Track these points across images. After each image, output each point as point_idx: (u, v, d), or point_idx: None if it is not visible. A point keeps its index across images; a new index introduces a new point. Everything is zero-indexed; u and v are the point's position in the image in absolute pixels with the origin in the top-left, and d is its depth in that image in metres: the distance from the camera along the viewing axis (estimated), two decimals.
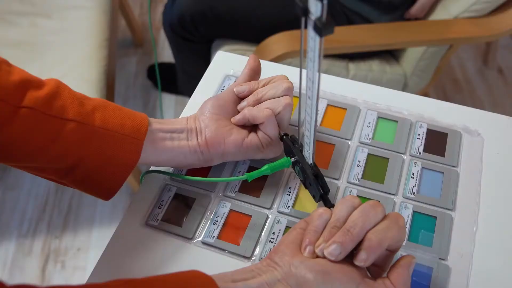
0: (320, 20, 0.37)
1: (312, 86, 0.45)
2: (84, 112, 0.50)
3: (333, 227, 0.44)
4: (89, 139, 0.49)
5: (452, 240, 0.54)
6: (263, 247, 0.54)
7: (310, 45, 0.41)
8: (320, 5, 0.36)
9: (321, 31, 0.38)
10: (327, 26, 0.37)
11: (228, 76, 0.71)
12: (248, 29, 1.26)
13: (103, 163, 0.50)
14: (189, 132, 0.55)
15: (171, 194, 0.59)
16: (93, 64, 1.26)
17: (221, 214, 0.57)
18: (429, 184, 0.58)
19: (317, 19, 0.37)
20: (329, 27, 0.38)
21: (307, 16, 0.38)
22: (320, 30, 0.38)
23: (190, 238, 0.55)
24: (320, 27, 0.37)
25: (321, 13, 0.37)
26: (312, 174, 0.53)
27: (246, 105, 0.57)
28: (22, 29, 1.35)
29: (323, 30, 0.38)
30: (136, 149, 0.51)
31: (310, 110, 0.48)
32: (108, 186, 0.52)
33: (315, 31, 0.38)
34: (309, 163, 0.53)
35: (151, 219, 0.57)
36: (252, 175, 0.54)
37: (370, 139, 0.63)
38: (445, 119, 0.65)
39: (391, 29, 1.18)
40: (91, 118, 0.50)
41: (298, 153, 0.54)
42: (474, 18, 1.19)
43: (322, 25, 0.37)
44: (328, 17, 0.37)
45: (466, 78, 1.88)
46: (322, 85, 0.68)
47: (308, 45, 0.42)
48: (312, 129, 0.49)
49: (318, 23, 0.38)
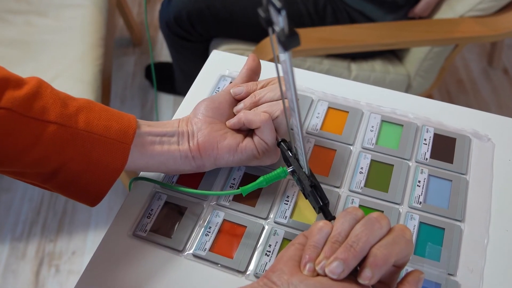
0: (283, 33, 0.35)
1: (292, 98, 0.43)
2: (66, 113, 0.47)
3: (335, 242, 0.41)
4: (72, 142, 0.47)
5: (461, 254, 0.51)
6: (258, 261, 0.51)
7: (281, 57, 0.39)
8: (281, 16, 0.34)
9: (285, 45, 0.35)
10: (291, 38, 0.35)
11: (224, 77, 0.68)
12: (247, 27, 1.24)
13: (87, 168, 0.48)
14: (180, 135, 0.53)
15: (161, 203, 0.56)
16: (88, 64, 1.24)
17: (214, 225, 0.54)
18: (437, 193, 0.56)
19: (280, 31, 0.35)
20: (293, 40, 0.35)
21: (271, 27, 0.36)
22: (284, 44, 0.35)
23: (180, 250, 0.52)
24: (283, 41, 0.35)
25: (283, 25, 0.34)
26: (308, 185, 0.49)
27: (242, 108, 0.55)
28: (16, 28, 1.34)
29: (287, 44, 0.35)
30: (122, 154, 0.49)
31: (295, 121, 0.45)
32: (94, 192, 0.50)
33: (279, 44, 0.36)
34: (305, 172, 0.50)
35: (139, 230, 0.54)
36: (247, 189, 0.51)
37: (374, 144, 0.60)
38: (453, 123, 0.62)
39: (394, 28, 1.17)
40: (74, 120, 0.48)
41: (294, 161, 0.51)
42: (480, 17, 1.17)
43: (284, 38, 0.35)
44: (291, 29, 0.34)
45: (471, 79, 1.87)
46: (323, 86, 0.67)
47: (279, 57, 0.40)
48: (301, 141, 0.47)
49: (281, 36, 0.35)
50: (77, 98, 0.50)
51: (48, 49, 1.27)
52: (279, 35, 0.35)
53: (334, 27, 1.17)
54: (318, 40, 1.12)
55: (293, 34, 0.34)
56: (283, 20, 0.34)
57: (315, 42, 1.12)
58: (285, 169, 0.51)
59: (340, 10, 1.22)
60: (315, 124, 0.62)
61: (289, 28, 0.34)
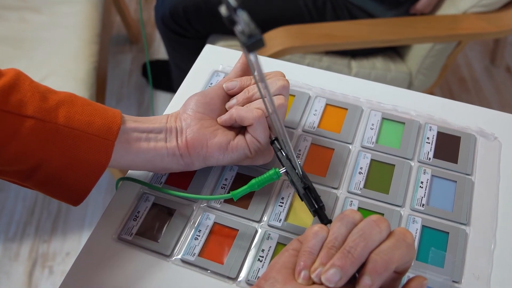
0: (243, 33, 0.32)
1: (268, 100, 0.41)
2: (46, 108, 0.45)
3: (331, 248, 0.39)
4: (51, 138, 0.45)
5: (467, 260, 0.49)
6: (250, 267, 0.49)
7: (249, 59, 0.37)
8: (241, 16, 0.32)
9: (246, 46, 0.33)
10: (252, 39, 0.32)
11: (217, 72, 0.66)
12: None
13: (68, 166, 0.46)
14: (168, 132, 0.50)
15: (148, 204, 0.53)
16: (83, 61, 1.23)
17: (204, 228, 0.51)
18: (440, 194, 0.54)
19: (241, 32, 0.33)
20: (255, 42, 0.33)
21: (233, 27, 0.33)
22: (244, 46, 0.33)
23: (167, 255, 0.50)
24: (243, 42, 0.33)
25: (242, 26, 0.32)
26: (302, 187, 0.47)
27: (235, 104, 0.52)
28: (10, 24, 1.32)
29: (248, 46, 0.33)
30: (105, 151, 0.47)
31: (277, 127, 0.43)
32: (76, 190, 0.48)
33: (242, 44, 0.33)
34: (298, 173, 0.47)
35: (124, 233, 0.51)
36: (238, 194, 0.49)
37: (374, 143, 0.58)
38: (457, 121, 0.60)
39: (396, 24, 1.15)
40: (53, 115, 0.46)
41: (286, 162, 0.49)
42: (484, 13, 1.15)
43: (245, 39, 0.32)
44: (253, 29, 0.32)
45: (473, 77, 1.85)
46: (321, 82, 0.64)
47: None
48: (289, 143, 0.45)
49: (241, 37, 0.33)
50: (58, 92, 0.48)
51: (42, 46, 1.26)
52: (240, 36, 0.33)
53: (334, 23, 1.15)
54: (318, 36, 1.10)
55: (254, 35, 0.32)
56: (242, 20, 0.32)
57: (314, 38, 1.10)
58: (278, 170, 0.49)
59: (340, 6, 1.20)
60: (312, 121, 0.60)
61: (250, 29, 0.32)
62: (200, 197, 0.51)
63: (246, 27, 0.32)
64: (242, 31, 0.32)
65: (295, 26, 1.10)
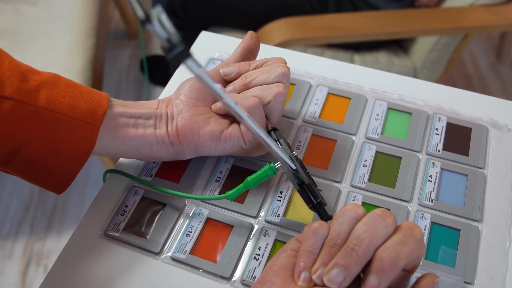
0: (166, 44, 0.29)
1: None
2: (25, 89, 0.43)
3: (333, 246, 0.36)
4: (31, 121, 0.43)
5: (479, 259, 0.46)
6: (246, 266, 0.46)
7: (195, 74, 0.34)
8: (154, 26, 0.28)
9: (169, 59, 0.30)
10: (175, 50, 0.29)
11: (213, 60, 0.63)
12: (244, 15, 1.21)
13: (49, 151, 0.44)
14: (158, 118, 0.48)
15: (137, 198, 0.50)
16: (78, 54, 1.22)
17: (196, 223, 0.48)
18: (451, 189, 0.51)
19: (164, 42, 0.29)
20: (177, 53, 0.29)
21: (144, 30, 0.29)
22: (167, 58, 0.30)
23: (157, 252, 0.47)
24: (165, 55, 0.29)
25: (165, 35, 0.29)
26: (296, 183, 0.44)
27: (231, 91, 0.50)
28: (4, 17, 1.31)
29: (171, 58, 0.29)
30: (89, 137, 0.45)
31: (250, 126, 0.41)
32: (58, 178, 0.46)
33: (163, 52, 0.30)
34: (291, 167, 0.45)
35: (111, 228, 0.48)
36: (233, 194, 0.46)
37: (379, 134, 0.55)
38: (468, 111, 0.57)
39: (400, 16, 1.13)
40: (34, 97, 0.43)
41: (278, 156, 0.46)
42: (490, 5, 1.14)
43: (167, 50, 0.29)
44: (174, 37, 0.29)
45: (478, 74, 1.84)
46: (323, 70, 0.61)
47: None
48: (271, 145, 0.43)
49: (164, 48, 0.29)
50: (41, 72, 0.46)
51: (37, 39, 1.25)
52: (162, 47, 0.29)
53: (337, 15, 1.14)
54: (320, 28, 1.09)
55: (176, 45, 0.29)
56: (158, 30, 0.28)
57: (315, 30, 1.08)
58: (273, 165, 0.46)
59: None
60: (313, 111, 0.57)
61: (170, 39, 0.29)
62: (192, 196, 0.49)
63: (164, 41, 0.29)
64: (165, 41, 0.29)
65: (296, 18, 1.09)
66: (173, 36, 0.29)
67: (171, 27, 0.29)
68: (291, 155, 0.45)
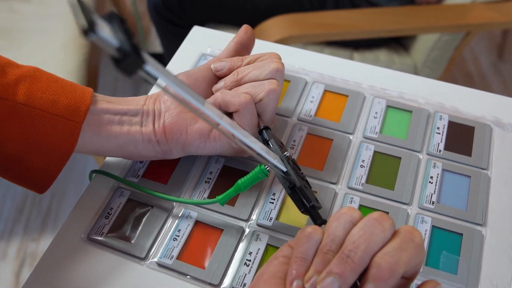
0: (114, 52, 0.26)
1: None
2: (3, 83, 0.42)
3: (327, 252, 0.35)
4: (8, 118, 0.42)
5: (483, 265, 0.45)
6: (236, 272, 0.44)
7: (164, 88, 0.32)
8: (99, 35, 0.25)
9: (121, 68, 0.27)
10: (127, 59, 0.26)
11: (205, 56, 0.62)
12: (242, 12, 1.19)
13: (29, 149, 0.43)
14: (145, 115, 0.47)
15: (123, 200, 0.48)
16: (73, 52, 1.21)
17: (184, 227, 0.46)
18: (453, 191, 0.50)
19: (113, 50, 0.27)
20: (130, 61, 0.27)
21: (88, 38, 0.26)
22: (118, 67, 0.27)
23: (142, 257, 0.45)
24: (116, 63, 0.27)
25: (115, 44, 0.26)
26: (287, 186, 0.42)
27: (222, 87, 0.48)
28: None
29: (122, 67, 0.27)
30: (71, 134, 0.43)
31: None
32: (40, 177, 0.45)
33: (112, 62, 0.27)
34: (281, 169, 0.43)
35: (94, 232, 0.46)
36: (224, 198, 0.44)
37: (377, 133, 0.54)
38: (471, 109, 0.56)
39: (401, 13, 1.12)
40: (11, 92, 0.42)
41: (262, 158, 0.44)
42: (493, 2, 1.14)
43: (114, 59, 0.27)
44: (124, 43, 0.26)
45: (480, 73, 1.83)
46: (319, 67, 0.60)
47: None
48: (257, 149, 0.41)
49: (114, 55, 0.27)
50: (22, 66, 0.44)
51: (31, 37, 1.24)
52: (112, 56, 0.27)
53: (336, 11, 1.13)
54: (318, 25, 1.08)
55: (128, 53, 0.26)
56: (108, 39, 0.26)
57: (314, 27, 1.07)
58: (264, 167, 0.43)
59: None
60: (308, 109, 0.56)
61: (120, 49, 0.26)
62: (179, 200, 0.47)
63: (113, 50, 0.26)
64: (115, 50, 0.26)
65: (294, 15, 1.07)
66: (124, 43, 0.26)
67: (123, 34, 0.26)
68: (282, 156, 0.43)
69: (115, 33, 0.26)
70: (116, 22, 0.27)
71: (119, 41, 0.26)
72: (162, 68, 0.31)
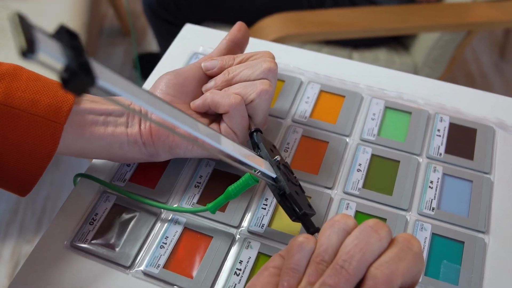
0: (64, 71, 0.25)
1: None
2: None
3: (320, 262, 0.34)
4: None
5: (486, 275, 0.43)
6: (225, 282, 0.42)
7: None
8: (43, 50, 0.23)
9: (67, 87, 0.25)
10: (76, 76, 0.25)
11: (197, 54, 0.60)
12: (238, 10, 1.18)
13: (7, 151, 0.42)
14: (131, 116, 0.45)
15: (108, 205, 0.46)
16: None
17: (172, 234, 0.44)
18: (454, 196, 0.48)
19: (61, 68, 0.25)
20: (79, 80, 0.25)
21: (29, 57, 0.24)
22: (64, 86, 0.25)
23: (127, 266, 0.43)
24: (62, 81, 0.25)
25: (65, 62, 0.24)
26: (277, 193, 0.40)
27: (212, 87, 0.47)
28: None
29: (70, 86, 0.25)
30: (52, 135, 0.42)
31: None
32: (20, 179, 0.44)
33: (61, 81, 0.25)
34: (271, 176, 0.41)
35: (78, 239, 0.45)
36: (214, 206, 0.43)
37: (375, 136, 0.53)
38: (473, 111, 0.54)
39: (401, 12, 1.11)
40: None
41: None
42: (495, 1, 1.13)
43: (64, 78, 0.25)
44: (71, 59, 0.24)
45: (481, 72, 1.82)
46: (315, 66, 0.58)
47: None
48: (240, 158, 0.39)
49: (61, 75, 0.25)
50: (1, 63, 0.43)
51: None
52: (59, 75, 0.25)
53: (334, 10, 1.12)
54: (316, 24, 1.07)
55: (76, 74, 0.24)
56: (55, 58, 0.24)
57: (312, 26, 1.06)
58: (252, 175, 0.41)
59: None
60: (303, 110, 0.54)
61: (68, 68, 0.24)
62: (167, 207, 0.45)
63: (53, 68, 0.24)
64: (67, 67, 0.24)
65: (292, 13, 1.06)
66: (72, 62, 0.24)
67: (71, 51, 0.24)
68: (272, 161, 0.41)
69: (63, 51, 0.24)
70: (65, 38, 0.24)
71: (67, 59, 0.24)
72: (124, 81, 0.29)
